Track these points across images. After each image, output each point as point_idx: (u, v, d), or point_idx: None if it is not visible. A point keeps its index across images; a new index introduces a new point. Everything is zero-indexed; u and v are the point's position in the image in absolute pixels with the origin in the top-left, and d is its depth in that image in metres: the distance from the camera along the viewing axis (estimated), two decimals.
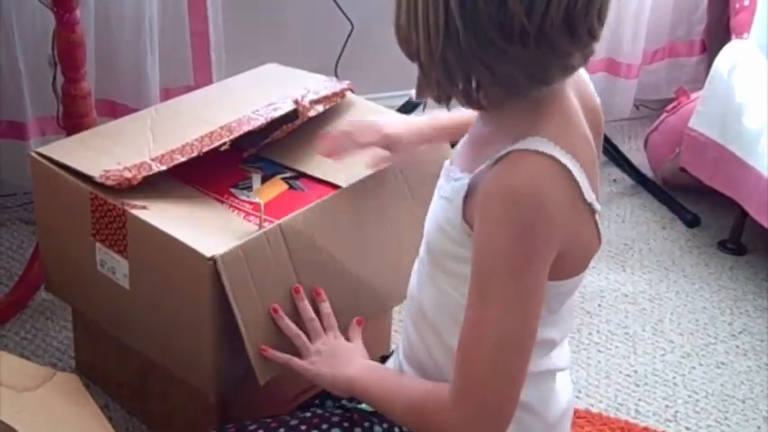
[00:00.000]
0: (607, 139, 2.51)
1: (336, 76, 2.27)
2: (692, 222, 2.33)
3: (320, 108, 1.53)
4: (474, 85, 0.95)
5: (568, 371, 1.19)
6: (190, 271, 1.26)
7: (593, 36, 0.94)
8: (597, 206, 1.00)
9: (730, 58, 2.17)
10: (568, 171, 0.96)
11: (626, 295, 2.08)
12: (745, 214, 2.16)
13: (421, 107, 2.18)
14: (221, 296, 1.25)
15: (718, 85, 2.17)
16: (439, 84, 0.97)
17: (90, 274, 1.42)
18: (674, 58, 2.73)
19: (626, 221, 2.33)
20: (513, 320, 0.96)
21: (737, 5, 2.46)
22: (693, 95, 2.34)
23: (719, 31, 2.63)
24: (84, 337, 1.65)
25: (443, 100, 0.99)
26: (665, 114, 2.41)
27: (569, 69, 0.96)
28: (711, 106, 2.19)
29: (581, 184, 0.97)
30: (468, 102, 0.98)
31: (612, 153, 2.52)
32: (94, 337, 1.60)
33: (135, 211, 1.32)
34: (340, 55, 2.26)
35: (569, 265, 1.02)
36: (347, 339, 1.26)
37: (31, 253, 1.88)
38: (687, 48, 2.73)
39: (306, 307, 1.27)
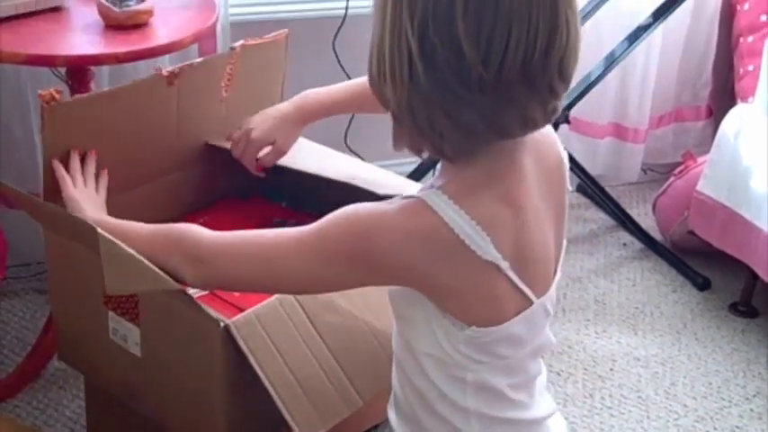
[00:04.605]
0: (616, 203, 2.53)
1: (347, 145, 2.31)
2: (702, 285, 2.33)
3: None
4: (438, 134, 0.97)
5: (558, 415, 1.19)
6: (201, 337, 1.27)
7: (553, 92, 0.96)
8: (502, 263, 1.00)
9: (736, 122, 2.19)
10: (447, 227, 0.97)
11: (638, 359, 2.07)
12: (755, 277, 2.16)
13: (431, 173, 2.20)
14: (233, 363, 1.25)
15: (725, 149, 2.19)
16: (410, 133, 0.99)
17: (102, 342, 1.43)
18: (680, 122, 2.76)
19: (636, 285, 2.34)
20: (297, 269, 1.05)
21: (741, 70, 2.49)
22: (700, 159, 2.36)
23: (725, 95, 2.66)
24: (97, 407, 1.65)
25: (416, 151, 1.02)
26: (672, 178, 2.43)
27: (529, 123, 0.98)
28: (719, 169, 2.20)
29: (467, 242, 0.98)
30: (436, 151, 1.00)
31: (621, 217, 2.53)
32: (107, 406, 1.60)
33: None
34: (348, 127, 2.30)
35: (476, 312, 1.02)
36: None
37: (44, 323, 1.89)
38: (693, 112, 2.76)
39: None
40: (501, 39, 0.91)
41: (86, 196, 1.37)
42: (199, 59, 1.54)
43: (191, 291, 1.33)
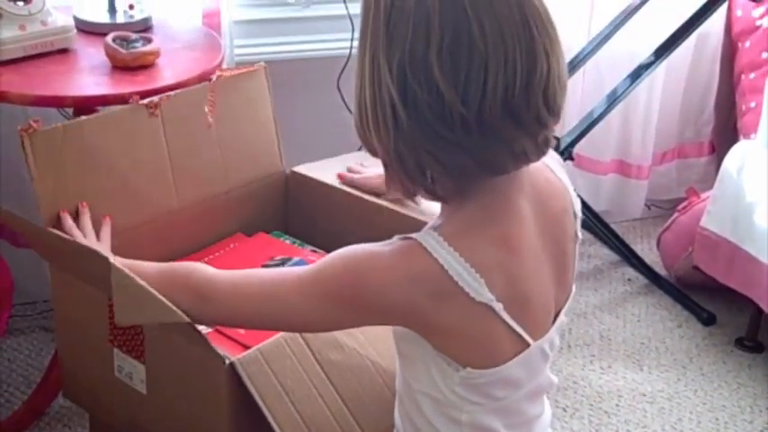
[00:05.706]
0: (620, 239, 2.53)
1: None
2: (707, 320, 2.33)
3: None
4: (429, 177, 0.97)
5: None
6: (207, 374, 1.27)
7: (542, 124, 0.95)
8: (496, 305, 1.00)
9: (739, 158, 2.20)
10: (441, 269, 0.98)
11: (644, 394, 2.07)
12: (760, 311, 2.16)
13: None
14: (238, 400, 1.25)
15: (728, 185, 2.20)
16: (401, 179, 0.99)
17: (108, 379, 1.43)
18: (683, 158, 2.77)
19: (641, 320, 2.34)
20: (297, 308, 1.06)
21: (743, 107, 2.51)
22: (704, 195, 2.36)
23: (727, 132, 2.68)
24: None
25: (409, 195, 1.02)
26: (676, 214, 2.44)
27: (521, 156, 0.97)
28: (722, 205, 2.21)
29: (461, 284, 0.98)
30: (430, 194, 1.00)
31: (626, 253, 2.54)
32: None
33: None
34: None
35: (471, 353, 1.02)
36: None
37: (49, 360, 1.89)
38: (696, 149, 2.78)
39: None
40: (478, 77, 0.91)
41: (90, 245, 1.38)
42: (178, 90, 1.55)
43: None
